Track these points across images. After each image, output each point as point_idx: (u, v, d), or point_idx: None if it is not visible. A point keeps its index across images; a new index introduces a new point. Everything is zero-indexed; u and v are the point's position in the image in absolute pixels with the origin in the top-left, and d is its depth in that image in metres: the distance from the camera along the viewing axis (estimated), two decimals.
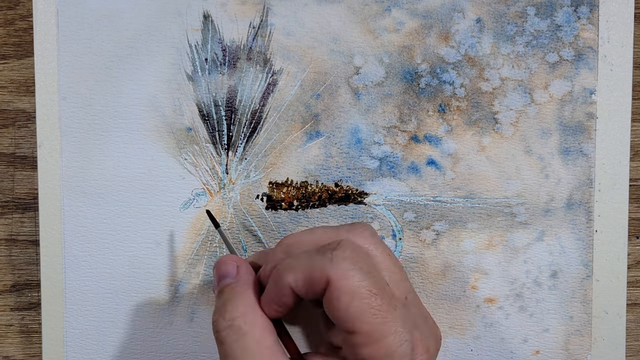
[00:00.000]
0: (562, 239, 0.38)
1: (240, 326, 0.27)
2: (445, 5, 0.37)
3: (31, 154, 0.39)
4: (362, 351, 0.26)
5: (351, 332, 0.26)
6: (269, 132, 0.38)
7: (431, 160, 0.38)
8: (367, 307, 0.26)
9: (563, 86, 0.37)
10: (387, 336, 0.26)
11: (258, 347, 0.27)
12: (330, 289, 0.26)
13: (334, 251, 0.27)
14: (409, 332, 0.26)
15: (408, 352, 0.26)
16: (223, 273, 0.30)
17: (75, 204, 0.37)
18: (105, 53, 0.37)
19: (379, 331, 0.25)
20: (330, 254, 0.26)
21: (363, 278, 0.26)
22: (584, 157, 0.38)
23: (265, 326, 0.28)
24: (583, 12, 0.37)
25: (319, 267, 0.26)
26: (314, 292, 0.27)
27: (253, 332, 0.27)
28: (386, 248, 0.29)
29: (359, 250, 0.27)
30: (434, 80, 0.37)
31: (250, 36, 0.37)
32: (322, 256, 0.27)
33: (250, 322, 0.28)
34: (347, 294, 0.26)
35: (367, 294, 0.26)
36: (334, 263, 0.26)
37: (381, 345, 0.26)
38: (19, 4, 0.39)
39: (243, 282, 0.29)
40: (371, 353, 0.26)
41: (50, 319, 0.37)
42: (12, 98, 0.39)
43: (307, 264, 0.27)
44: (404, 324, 0.26)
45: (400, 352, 0.26)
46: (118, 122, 0.37)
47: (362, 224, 0.30)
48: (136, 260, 0.38)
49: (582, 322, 0.38)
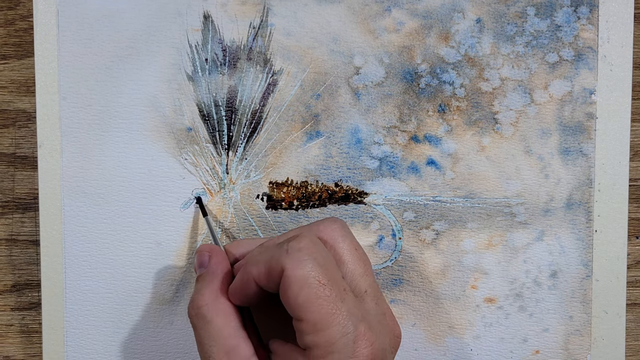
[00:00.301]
0: (561, 238, 0.38)
1: (205, 314, 0.29)
2: (445, 5, 0.37)
3: (31, 154, 0.39)
4: (306, 338, 0.27)
5: (299, 319, 0.27)
6: (269, 132, 0.38)
7: (431, 160, 0.38)
8: (314, 297, 0.27)
9: (563, 86, 0.38)
10: (330, 327, 0.27)
11: (219, 333, 0.29)
12: (283, 278, 0.27)
13: (290, 242, 0.28)
14: (353, 325, 0.27)
15: (350, 344, 0.27)
16: (199, 262, 0.33)
17: (76, 204, 0.37)
18: (106, 53, 0.37)
19: (323, 321, 0.27)
20: (286, 245, 0.28)
21: (313, 268, 0.27)
22: (583, 157, 0.38)
23: (228, 314, 0.30)
24: (583, 12, 0.37)
25: (276, 258, 0.28)
26: (274, 282, 0.28)
27: (216, 320, 0.29)
28: (353, 241, 0.31)
29: (315, 242, 0.28)
30: (433, 80, 0.37)
31: (251, 36, 0.37)
32: (280, 248, 0.28)
33: (213, 309, 0.30)
34: (297, 283, 0.27)
35: (316, 284, 0.27)
36: (288, 254, 0.27)
37: (324, 335, 0.26)
38: (19, 4, 0.39)
39: (211, 271, 0.31)
40: (314, 341, 0.27)
41: (51, 319, 0.38)
42: (13, 98, 0.39)
43: (268, 257, 0.28)
44: (350, 317, 0.27)
45: (341, 342, 0.27)
46: (118, 122, 0.37)
47: (333, 218, 0.31)
48: (136, 260, 0.38)
49: (582, 322, 0.38)
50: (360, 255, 0.30)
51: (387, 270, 0.38)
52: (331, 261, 0.28)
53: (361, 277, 0.30)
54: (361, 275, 0.30)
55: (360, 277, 0.30)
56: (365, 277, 0.30)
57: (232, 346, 0.29)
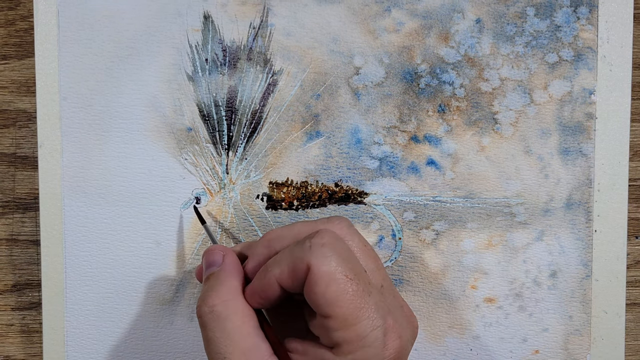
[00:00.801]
0: (561, 238, 0.38)
1: (221, 312, 0.29)
2: (445, 5, 0.37)
3: (32, 154, 0.39)
4: (335, 335, 0.27)
5: (327, 316, 0.27)
6: (269, 132, 0.38)
7: (431, 160, 0.38)
8: (342, 292, 0.26)
9: (562, 86, 0.38)
10: (360, 321, 0.26)
11: (237, 333, 0.28)
12: (309, 274, 0.27)
13: (312, 239, 0.28)
14: (382, 318, 0.27)
15: (380, 337, 0.27)
16: (210, 261, 0.31)
17: (76, 203, 0.37)
18: (106, 53, 0.37)
19: (353, 316, 0.26)
20: (308, 242, 0.27)
21: (340, 263, 0.27)
22: (583, 157, 0.38)
23: (246, 313, 0.29)
24: (582, 12, 0.37)
25: (300, 256, 0.27)
26: (299, 281, 0.27)
27: (233, 318, 0.28)
28: (362, 238, 0.30)
29: (336, 237, 0.28)
30: (433, 80, 0.37)
31: (251, 36, 0.37)
32: (302, 246, 0.28)
33: (232, 308, 0.29)
34: (324, 279, 0.26)
35: (344, 279, 0.27)
36: (312, 250, 0.27)
37: (354, 330, 0.26)
38: (19, 5, 0.39)
39: (228, 270, 0.31)
40: (344, 337, 0.26)
41: (51, 319, 0.38)
42: (13, 98, 0.39)
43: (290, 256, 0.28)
44: (378, 310, 0.27)
45: (372, 337, 0.26)
46: (118, 122, 0.37)
47: (339, 217, 0.31)
48: (137, 260, 0.38)
49: (582, 322, 0.38)
50: (370, 251, 0.30)
51: (387, 270, 0.38)
52: (354, 256, 0.28)
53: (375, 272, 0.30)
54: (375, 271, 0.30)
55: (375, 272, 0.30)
56: (378, 272, 0.30)
57: (251, 346, 0.28)
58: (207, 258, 0.32)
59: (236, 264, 0.31)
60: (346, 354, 0.27)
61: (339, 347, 0.27)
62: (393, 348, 0.27)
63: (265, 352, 0.28)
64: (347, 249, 0.28)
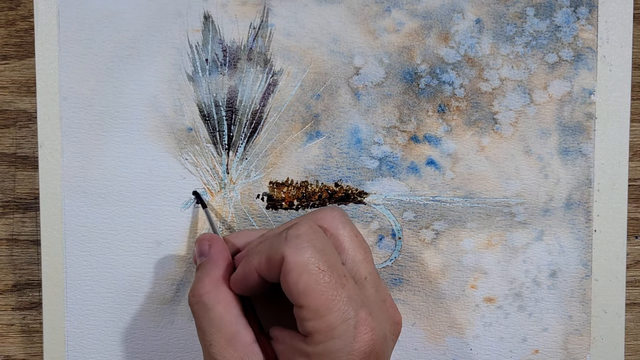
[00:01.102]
0: (561, 238, 0.38)
1: (206, 302, 0.30)
2: (445, 5, 0.37)
3: (32, 154, 0.39)
4: (307, 324, 0.27)
5: (300, 306, 0.27)
6: (270, 132, 0.38)
7: (431, 160, 0.38)
8: (314, 283, 0.27)
9: (562, 86, 0.38)
10: (331, 312, 0.27)
11: (221, 320, 0.29)
12: (283, 265, 0.27)
13: (289, 230, 0.28)
14: (354, 310, 0.27)
15: (350, 330, 0.27)
16: (199, 251, 0.33)
17: (76, 203, 0.37)
18: (106, 53, 0.37)
19: (324, 307, 0.27)
20: (285, 233, 0.28)
21: (313, 255, 0.27)
22: (583, 157, 0.38)
23: (229, 301, 0.30)
24: (582, 12, 0.37)
25: (276, 247, 0.28)
26: (275, 271, 0.28)
27: (217, 307, 0.30)
28: (353, 229, 0.31)
29: (313, 229, 0.29)
30: (433, 80, 0.38)
31: (251, 37, 0.37)
32: (279, 236, 0.28)
33: (214, 298, 0.30)
34: (297, 270, 0.27)
35: (316, 270, 0.27)
36: (287, 241, 0.28)
37: (324, 320, 0.27)
38: (20, 5, 0.39)
39: (212, 260, 0.32)
40: (315, 327, 0.27)
41: (51, 319, 0.38)
42: (13, 98, 0.39)
43: (267, 246, 0.29)
44: (350, 303, 0.27)
45: (342, 328, 0.27)
46: (119, 123, 0.37)
47: (332, 206, 0.32)
48: (137, 259, 0.38)
49: (581, 322, 0.38)
50: (360, 242, 0.31)
51: (387, 269, 0.38)
52: (330, 247, 0.29)
53: (361, 263, 0.30)
54: (361, 262, 0.30)
55: (360, 264, 0.30)
56: (365, 264, 0.30)
57: (233, 333, 0.29)
58: (197, 248, 0.33)
59: (221, 253, 0.32)
60: (317, 343, 0.27)
61: (311, 336, 0.27)
62: (364, 341, 0.27)
63: (248, 339, 0.29)
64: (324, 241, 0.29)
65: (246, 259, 0.30)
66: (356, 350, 0.27)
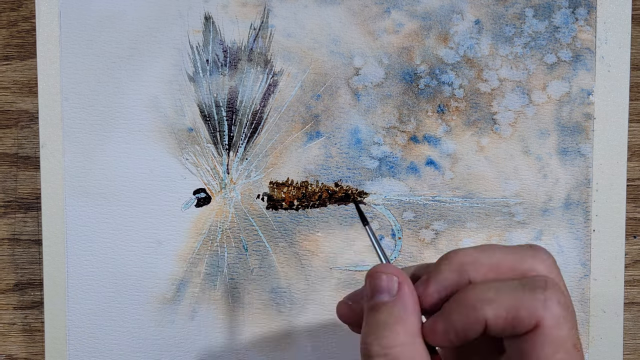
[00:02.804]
0: (560, 238, 0.38)
1: (398, 357, 0.24)
2: (444, 6, 0.38)
3: (34, 154, 0.39)
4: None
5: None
6: (270, 133, 0.38)
7: (430, 161, 0.38)
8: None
9: (561, 87, 0.38)
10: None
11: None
12: (537, 333, 0.23)
13: (546, 291, 0.24)
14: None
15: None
16: (380, 287, 0.26)
17: (78, 203, 0.38)
18: (107, 54, 0.38)
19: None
20: (542, 295, 0.24)
21: (572, 329, 0.24)
22: (581, 157, 0.38)
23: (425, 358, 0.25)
24: (581, 13, 0.38)
25: (528, 307, 0.23)
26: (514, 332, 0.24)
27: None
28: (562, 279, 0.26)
29: (567, 295, 0.24)
30: (433, 81, 0.38)
31: (251, 37, 0.38)
32: (532, 295, 0.24)
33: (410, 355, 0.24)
34: (554, 344, 0.23)
35: (572, 349, 0.23)
36: (547, 307, 0.23)
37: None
38: (21, 6, 0.39)
39: (405, 305, 0.25)
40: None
41: (53, 318, 0.38)
42: (15, 99, 0.39)
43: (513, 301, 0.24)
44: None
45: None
46: (120, 123, 0.38)
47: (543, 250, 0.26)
48: (138, 259, 0.38)
49: (580, 321, 0.38)
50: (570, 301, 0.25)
51: None
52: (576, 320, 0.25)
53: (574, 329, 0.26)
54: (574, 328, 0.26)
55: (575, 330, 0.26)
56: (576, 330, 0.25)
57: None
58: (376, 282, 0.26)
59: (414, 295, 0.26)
60: None
61: None
62: None
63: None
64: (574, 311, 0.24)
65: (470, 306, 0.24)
66: None
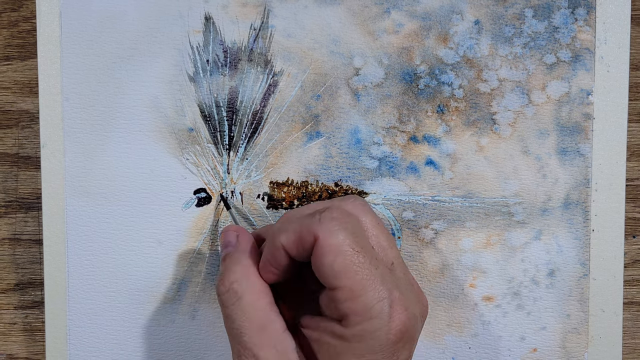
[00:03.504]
0: (559, 238, 0.38)
1: (237, 290, 0.30)
2: (444, 7, 0.38)
3: (34, 154, 0.39)
4: (342, 306, 0.27)
5: (334, 288, 0.27)
6: (270, 133, 0.38)
7: (430, 160, 0.38)
8: (349, 264, 0.27)
9: (560, 87, 0.38)
10: (366, 292, 0.27)
11: (252, 308, 0.29)
12: (317, 246, 0.28)
13: (322, 213, 0.28)
14: (388, 291, 0.28)
15: (386, 309, 0.27)
16: (226, 242, 0.33)
17: (79, 203, 0.38)
18: (108, 54, 0.38)
19: (359, 287, 0.27)
20: (318, 215, 0.28)
21: (347, 236, 0.28)
22: (581, 157, 0.38)
23: (261, 289, 0.30)
24: (580, 14, 0.38)
25: (307, 227, 0.28)
26: (304, 250, 0.28)
27: (248, 295, 0.29)
28: (375, 217, 0.31)
29: (347, 213, 0.29)
30: (432, 81, 0.38)
31: (251, 38, 0.38)
32: (312, 217, 0.28)
33: (246, 285, 0.30)
34: (332, 251, 0.27)
35: (351, 252, 0.27)
36: (321, 223, 0.28)
37: (360, 301, 0.27)
38: (22, 6, 0.39)
39: (241, 249, 0.32)
40: (350, 307, 0.27)
41: (54, 317, 0.38)
42: (16, 99, 0.39)
43: (298, 225, 0.29)
44: (384, 283, 0.28)
45: (377, 307, 0.27)
46: (120, 123, 0.38)
47: (354, 196, 0.32)
48: (138, 259, 0.38)
49: (579, 320, 0.38)
50: (383, 230, 0.31)
51: None
52: (362, 231, 0.29)
53: (387, 249, 0.30)
54: (387, 248, 0.30)
55: (386, 249, 0.30)
56: (391, 250, 0.30)
57: (266, 321, 0.29)
58: (223, 239, 0.33)
59: (249, 242, 0.32)
60: (353, 325, 0.27)
61: (347, 318, 0.27)
62: (399, 320, 0.27)
63: (280, 327, 0.29)
64: (357, 225, 0.29)
65: (273, 237, 0.30)
66: (392, 329, 0.27)
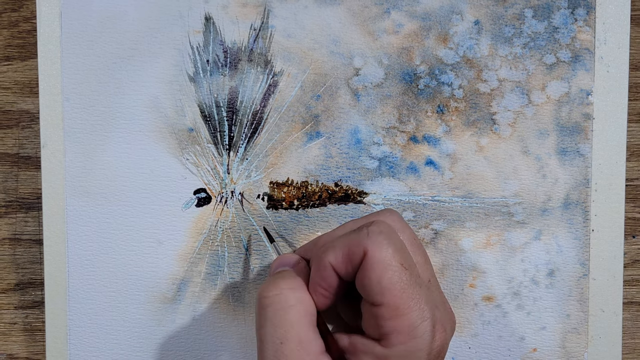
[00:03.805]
0: (559, 238, 0.38)
1: (288, 297, 0.28)
2: (444, 7, 0.38)
3: (35, 154, 0.40)
4: (386, 324, 0.27)
5: (379, 304, 0.27)
6: (270, 133, 0.38)
7: (430, 161, 0.38)
8: (397, 280, 0.26)
9: (560, 87, 0.38)
10: (412, 311, 0.26)
11: (299, 321, 0.28)
12: (365, 260, 0.27)
13: (370, 227, 0.28)
14: (430, 311, 0.27)
15: (429, 330, 0.27)
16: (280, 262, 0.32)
17: (79, 203, 0.38)
18: (108, 54, 0.38)
19: (404, 305, 0.26)
20: (366, 230, 0.28)
21: (396, 252, 0.27)
22: (580, 157, 0.38)
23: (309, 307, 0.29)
24: (580, 14, 0.38)
25: (356, 242, 0.27)
26: (352, 268, 0.28)
27: (297, 307, 0.28)
28: (412, 232, 0.30)
29: (392, 228, 0.28)
30: (432, 81, 0.38)
31: (251, 38, 0.38)
32: (359, 232, 0.28)
33: (298, 297, 0.29)
34: (381, 265, 0.27)
35: (399, 268, 0.27)
36: (370, 237, 0.27)
37: (405, 319, 0.26)
38: (22, 6, 0.39)
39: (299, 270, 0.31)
40: (395, 326, 0.26)
41: (54, 317, 0.38)
42: (16, 99, 0.39)
43: (345, 241, 0.28)
44: (427, 303, 0.27)
45: (421, 328, 0.27)
46: (120, 123, 0.38)
47: (390, 209, 0.31)
48: (138, 259, 0.38)
49: (579, 320, 0.38)
50: (419, 245, 0.30)
51: None
52: (406, 248, 0.29)
53: (423, 266, 0.30)
54: (423, 265, 0.30)
55: (424, 266, 0.30)
56: (426, 267, 0.30)
57: (307, 338, 0.28)
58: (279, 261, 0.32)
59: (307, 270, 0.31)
60: (396, 344, 0.27)
61: (388, 337, 0.27)
62: (440, 340, 0.27)
63: (319, 348, 0.28)
64: (401, 240, 0.28)
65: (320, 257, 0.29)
66: (434, 349, 0.27)
